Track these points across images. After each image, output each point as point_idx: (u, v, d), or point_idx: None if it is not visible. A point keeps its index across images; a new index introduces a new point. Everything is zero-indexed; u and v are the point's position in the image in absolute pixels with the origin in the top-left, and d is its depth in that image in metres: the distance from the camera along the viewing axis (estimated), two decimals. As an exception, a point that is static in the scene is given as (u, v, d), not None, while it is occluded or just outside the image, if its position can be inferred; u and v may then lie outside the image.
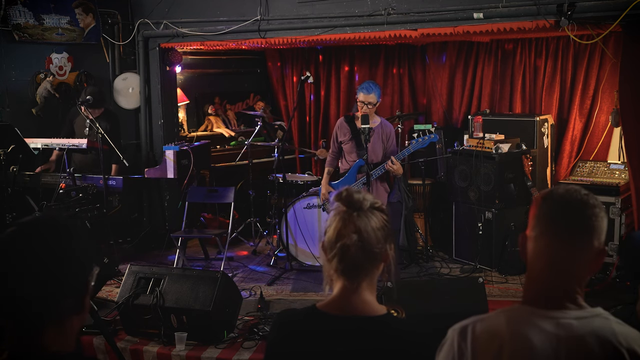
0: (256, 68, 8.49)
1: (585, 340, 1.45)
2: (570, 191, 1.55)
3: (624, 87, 5.28)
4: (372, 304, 1.78)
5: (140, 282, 4.44)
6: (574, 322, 1.47)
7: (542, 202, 1.56)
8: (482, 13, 5.24)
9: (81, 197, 5.40)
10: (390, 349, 1.71)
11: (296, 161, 8.00)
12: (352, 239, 1.71)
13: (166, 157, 6.27)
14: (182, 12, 6.54)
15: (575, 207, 1.51)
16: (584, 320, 1.48)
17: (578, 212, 1.51)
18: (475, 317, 1.55)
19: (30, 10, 6.10)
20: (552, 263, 1.51)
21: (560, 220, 1.51)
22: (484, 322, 1.52)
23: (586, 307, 1.52)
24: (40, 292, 1.34)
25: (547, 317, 1.48)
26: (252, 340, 4.35)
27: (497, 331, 1.49)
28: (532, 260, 1.55)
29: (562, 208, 1.53)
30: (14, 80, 6.19)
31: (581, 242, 1.50)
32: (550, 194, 1.58)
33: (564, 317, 1.48)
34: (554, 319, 1.48)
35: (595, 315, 1.50)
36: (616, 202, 5.59)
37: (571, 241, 1.50)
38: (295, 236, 6.00)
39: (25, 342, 1.35)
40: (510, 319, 1.50)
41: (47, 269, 1.35)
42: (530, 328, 1.46)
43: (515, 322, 1.49)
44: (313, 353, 1.76)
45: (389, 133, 5.48)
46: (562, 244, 1.50)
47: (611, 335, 1.46)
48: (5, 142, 5.49)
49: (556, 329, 1.46)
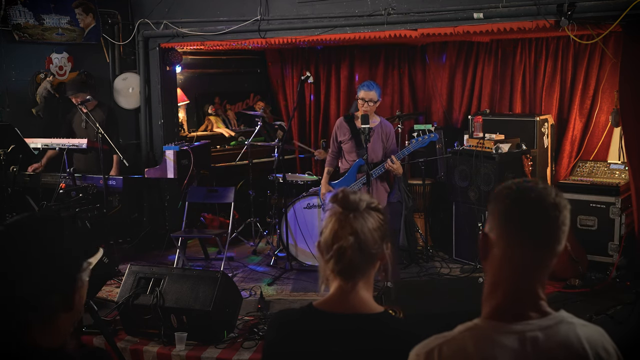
0: (256, 68, 8.49)
1: (552, 354, 1.40)
2: (536, 190, 1.45)
3: (624, 87, 5.28)
4: (369, 302, 1.79)
5: (140, 282, 4.45)
6: (539, 335, 1.41)
7: (506, 201, 1.47)
8: (482, 13, 5.24)
9: (81, 197, 5.40)
10: (387, 348, 1.72)
11: (296, 161, 8.00)
12: (348, 241, 1.71)
13: (166, 157, 6.27)
14: (182, 12, 6.54)
15: (544, 210, 1.43)
16: (549, 331, 1.42)
17: (548, 216, 1.43)
18: (437, 337, 1.46)
19: (30, 10, 6.10)
20: (518, 271, 1.44)
21: (528, 224, 1.43)
22: (450, 345, 1.43)
23: (549, 313, 1.46)
24: (24, 288, 1.34)
25: (512, 333, 1.41)
26: (252, 340, 4.35)
27: (465, 355, 1.41)
28: (495, 266, 1.47)
29: (531, 211, 1.44)
30: (14, 80, 6.19)
31: (549, 248, 1.44)
32: (515, 192, 1.47)
33: (529, 329, 1.42)
34: (519, 333, 1.41)
35: (559, 321, 1.45)
36: (616, 202, 5.59)
37: (538, 248, 1.44)
38: (295, 236, 6.00)
39: (10, 338, 1.35)
40: (476, 340, 1.42)
41: (33, 265, 1.35)
42: (496, 348, 1.40)
43: (482, 342, 1.41)
44: (310, 352, 1.77)
45: (389, 132, 5.48)
46: (529, 251, 1.43)
47: (577, 343, 1.43)
48: (5, 142, 5.49)
49: (522, 345, 1.40)
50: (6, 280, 1.34)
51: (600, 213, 5.66)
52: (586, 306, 4.78)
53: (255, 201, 6.76)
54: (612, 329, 1.63)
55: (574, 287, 5.26)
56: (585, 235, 5.62)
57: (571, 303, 4.91)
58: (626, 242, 5.53)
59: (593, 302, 4.93)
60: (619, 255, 5.51)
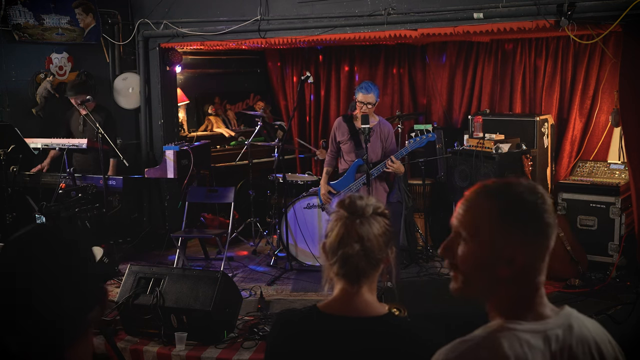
0: (256, 68, 8.49)
1: (573, 350, 1.41)
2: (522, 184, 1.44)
3: (624, 87, 5.27)
4: (373, 304, 1.79)
5: (140, 282, 4.45)
6: (559, 333, 1.41)
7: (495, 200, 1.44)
8: (482, 13, 5.24)
9: (81, 197, 5.40)
10: (393, 348, 1.72)
11: (296, 161, 8.00)
12: (354, 248, 1.72)
13: (166, 157, 6.27)
14: (182, 12, 6.54)
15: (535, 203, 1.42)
16: (565, 327, 1.43)
17: (542, 207, 1.42)
18: (462, 341, 1.40)
19: (30, 10, 6.10)
20: (526, 270, 1.43)
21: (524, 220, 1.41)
22: (488, 351, 1.37)
23: (557, 310, 1.46)
24: (66, 309, 1.30)
25: (536, 332, 1.40)
26: (252, 340, 4.35)
27: (499, 357, 1.36)
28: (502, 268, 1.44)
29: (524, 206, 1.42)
30: (14, 80, 6.19)
31: (547, 239, 1.44)
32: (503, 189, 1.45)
33: (549, 327, 1.41)
34: (542, 332, 1.40)
35: (569, 317, 1.46)
36: (616, 202, 5.59)
37: (542, 245, 1.43)
38: (295, 236, 5.99)
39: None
40: (509, 342, 1.38)
41: (71, 283, 1.31)
42: (526, 348, 1.38)
43: (514, 344, 1.38)
44: (314, 353, 1.77)
45: (388, 132, 5.47)
46: (530, 247, 1.42)
47: (590, 337, 1.45)
48: (5, 142, 5.49)
49: (547, 344, 1.40)
50: (48, 300, 1.29)
51: (600, 213, 5.66)
52: (586, 306, 4.77)
53: (255, 201, 6.76)
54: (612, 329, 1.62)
55: (574, 287, 5.26)
56: (585, 235, 5.62)
57: (571, 303, 4.86)
58: (626, 242, 5.53)
59: (593, 302, 4.92)
60: (619, 255, 5.51)
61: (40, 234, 1.36)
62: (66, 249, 1.35)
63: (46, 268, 1.30)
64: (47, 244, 1.33)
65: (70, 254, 1.34)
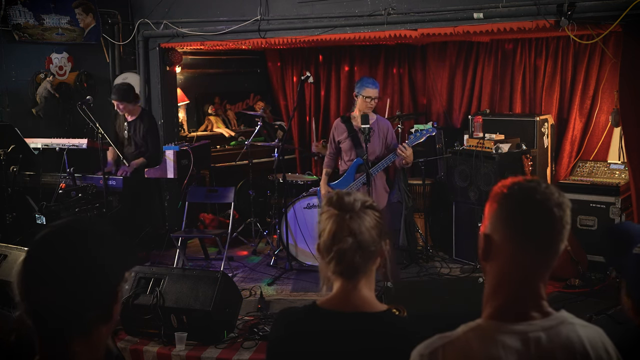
0: (256, 68, 8.49)
1: (555, 354, 1.40)
2: (540, 191, 1.43)
3: (624, 87, 5.27)
4: (371, 300, 1.80)
5: (140, 282, 4.45)
6: (542, 336, 1.41)
7: (510, 205, 1.45)
8: (482, 13, 5.24)
9: (81, 197, 5.40)
10: (390, 346, 1.72)
11: (296, 161, 8.00)
12: (347, 242, 1.73)
13: (166, 157, 6.26)
14: (182, 12, 6.54)
15: (550, 213, 1.42)
16: (551, 331, 1.42)
17: (554, 218, 1.42)
18: (440, 337, 1.45)
19: (30, 10, 6.11)
20: (522, 272, 1.44)
21: (534, 229, 1.42)
22: (455, 345, 1.42)
23: (551, 313, 1.45)
24: (65, 302, 1.32)
25: (515, 333, 1.41)
26: (252, 340, 4.35)
27: (470, 356, 1.40)
28: (497, 267, 1.46)
29: (536, 215, 1.42)
30: (14, 80, 6.19)
31: (553, 249, 1.44)
32: (519, 194, 1.45)
33: (531, 330, 1.41)
34: (522, 333, 1.41)
35: (560, 322, 1.44)
36: (616, 202, 5.60)
37: (543, 250, 1.43)
38: (295, 236, 5.99)
39: (52, 352, 1.35)
40: (480, 341, 1.41)
41: (74, 278, 1.33)
42: (500, 348, 1.39)
43: (486, 343, 1.40)
44: (314, 350, 1.78)
45: (387, 127, 5.46)
46: (533, 253, 1.43)
47: (579, 344, 1.43)
48: (5, 142, 5.49)
49: (526, 346, 1.40)
50: (47, 293, 1.32)
51: (600, 213, 5.66)
52: (586, 306, 4.77)
53: (255, 201, 6.76)
54: (612, 329, 1.62)
55: (574, 287, 5.26)
56: (585, 235, 5.61)
57: (571, 303, 4.90)
58: (626, 242, 5.52)
59: (593, 302, 4.92)
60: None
61: (78, 221, 1.48)
62: (98, 239, 1.42)
63: (81, 253, 1.37)
64: (84, 232, 1.42)
65: (100, 246, 1.41)
